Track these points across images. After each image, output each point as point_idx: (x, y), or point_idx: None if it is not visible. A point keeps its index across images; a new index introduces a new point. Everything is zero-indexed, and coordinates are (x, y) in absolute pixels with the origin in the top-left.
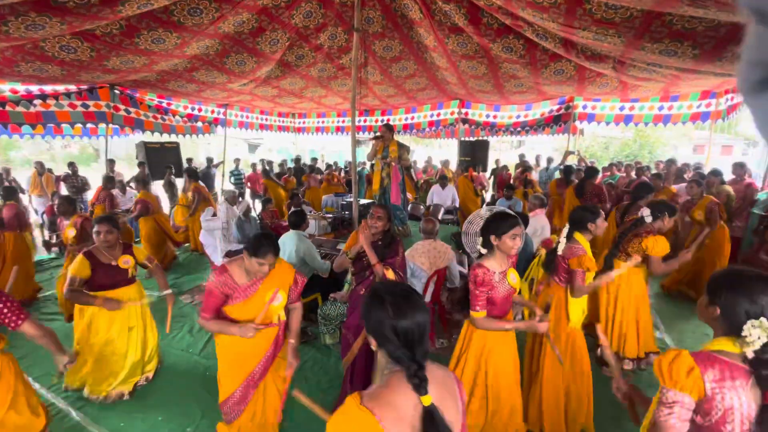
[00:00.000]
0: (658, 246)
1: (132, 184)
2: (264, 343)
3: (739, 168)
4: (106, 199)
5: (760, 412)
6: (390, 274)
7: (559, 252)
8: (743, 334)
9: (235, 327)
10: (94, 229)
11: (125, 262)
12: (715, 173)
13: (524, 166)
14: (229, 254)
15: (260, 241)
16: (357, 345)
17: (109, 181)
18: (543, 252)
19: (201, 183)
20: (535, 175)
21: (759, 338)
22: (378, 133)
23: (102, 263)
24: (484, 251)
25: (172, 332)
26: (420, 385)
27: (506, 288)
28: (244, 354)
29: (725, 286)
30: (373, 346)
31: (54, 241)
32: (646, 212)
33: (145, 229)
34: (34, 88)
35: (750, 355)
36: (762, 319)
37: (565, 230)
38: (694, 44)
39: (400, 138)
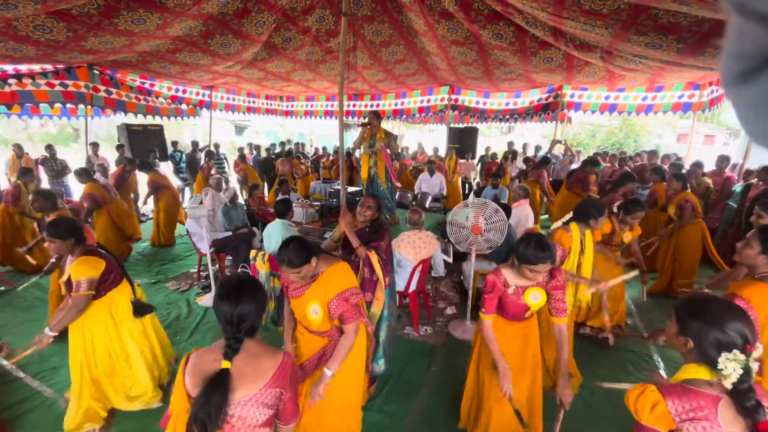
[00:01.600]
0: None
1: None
2: (308, 350)
3: (722, 160)
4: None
5: None
6: (373, 257)
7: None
8: (719, 367)
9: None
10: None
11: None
12: (697, 164)
13: (505, 157)
14: (215, 243)
15: (279, 248)
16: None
17: (84, 174)
18: None
19: (160, 172)
20: (520, 163)
21: (735, 371)
22: (365, 120)
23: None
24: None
25: (161, 320)
26: (227, 354)
27: (520, 303)
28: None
29: (694, 317)
30: None
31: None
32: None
33: (98, 224)
34: (9, 68)
35: (729, 386)
36: (735, 351)
37: (566, 217)
38: (678, 38)
39: (389, 123)
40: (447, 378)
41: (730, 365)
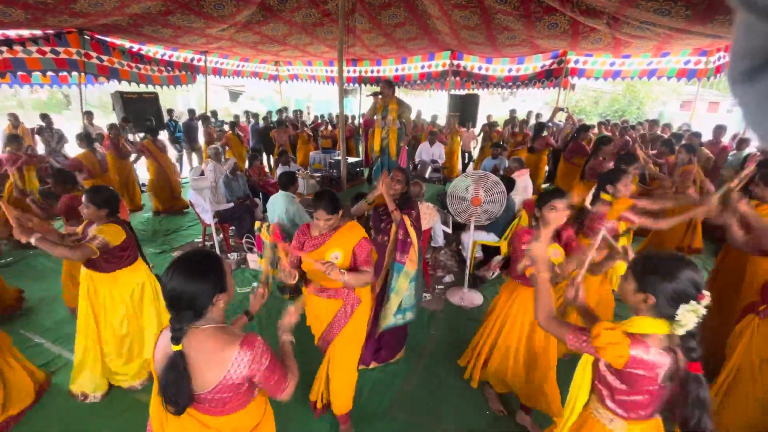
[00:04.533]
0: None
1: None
2: (326, 313)
3: (718, 130)
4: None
5: (685, 378)
6: (407, 220)
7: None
8: (677, 318)
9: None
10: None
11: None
12: (695, 134)
13: (506, 125)
14: (218, 214)
15: (315, 196)
16: (377, 285)
17: (85, 138)
18: (524, 212)
19: (96, 147)
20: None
21: (691, 321)
22: (377, 90)
23: None
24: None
25: None
26: (172, 337)
27: None
28: (311, 314)
29: (654, 273)
30: None
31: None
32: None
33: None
34: None
35: (681, 333)
36: (692, 303)
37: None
38: (687, 4)
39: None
40: (445, 341)
41: (689, 315)
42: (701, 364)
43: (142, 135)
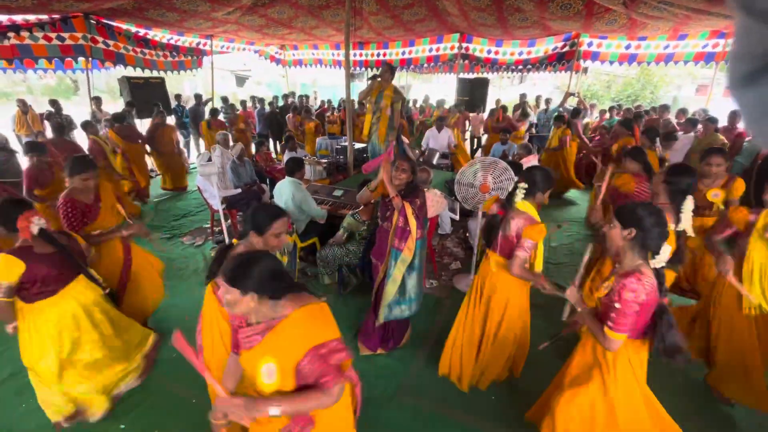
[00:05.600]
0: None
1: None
2: None
3: (734, 116)
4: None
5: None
6: (408, 208)
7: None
8: (660, 252)
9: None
10: None
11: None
12: (711, 120)
13: (515, 109)
14: (225, 199)
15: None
16: (381, 272)
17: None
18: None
19: (69, 138)
20: (533, 117)
21: (666, 255)
22: (377, 73)
23: None
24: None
25: (178, 273)
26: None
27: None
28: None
29: (642, 217)
30: None
31: None
32: None
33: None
34: (3, 18)
35: (657, 266)
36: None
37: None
38: None
39: (396, 75)
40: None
41: (666, 249)
42: None
43: (148, 120)
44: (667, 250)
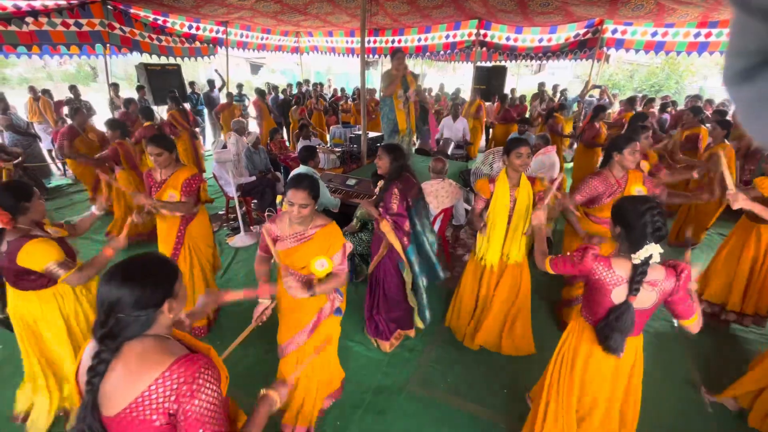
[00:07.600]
0: None
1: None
2: (305, 313)
3: None
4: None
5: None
6: (385, 226)
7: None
8: (645, 248)
9: None
10: None
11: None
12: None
13: (533, 99)
14: (240, 187)
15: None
16: (374, 260)
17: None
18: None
19: (176, 116)
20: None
21: (648, 251)
22: (388, 69)
23: None
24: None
25: None
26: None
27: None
28: (287, 309)
29: (629, 212)
30: None
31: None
32: None
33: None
34: (23, 3)
35: (636, 261)
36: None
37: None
38: None
39: (410, 62)
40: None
41: (650, 246)
42: None
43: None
44: (652, 250)
